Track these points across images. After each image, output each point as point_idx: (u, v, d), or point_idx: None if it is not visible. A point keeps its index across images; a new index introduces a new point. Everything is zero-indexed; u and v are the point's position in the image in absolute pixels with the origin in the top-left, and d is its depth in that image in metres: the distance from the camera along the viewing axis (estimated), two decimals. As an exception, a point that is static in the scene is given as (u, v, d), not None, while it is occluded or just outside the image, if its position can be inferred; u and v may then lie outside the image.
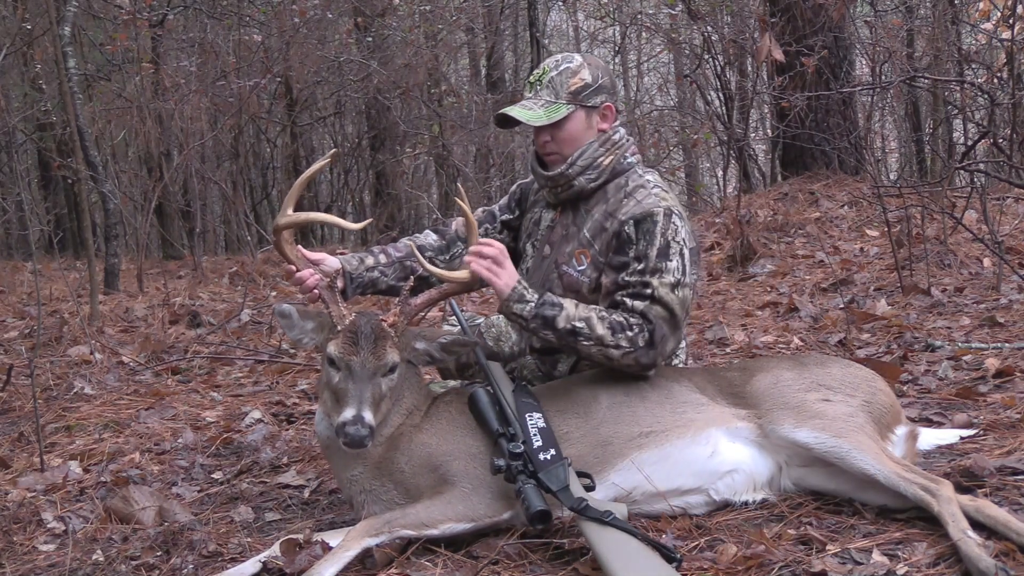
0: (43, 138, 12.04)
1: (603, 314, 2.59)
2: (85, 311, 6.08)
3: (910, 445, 2.58)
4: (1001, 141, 6.33)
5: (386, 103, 12.14)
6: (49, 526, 2.78)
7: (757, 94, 9.78)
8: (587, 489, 2.32)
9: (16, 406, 4.20)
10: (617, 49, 14.65)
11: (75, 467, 3.32)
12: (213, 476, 3.26)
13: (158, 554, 2.52)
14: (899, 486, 2.25)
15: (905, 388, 3.51)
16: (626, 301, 2.61)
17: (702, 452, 2.49)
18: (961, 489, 2.29)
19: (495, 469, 2.32)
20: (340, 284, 2.73)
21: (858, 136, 8.96)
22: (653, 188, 2.75)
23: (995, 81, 6.64)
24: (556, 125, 2.76)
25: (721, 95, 10.39)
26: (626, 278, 2.64)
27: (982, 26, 7.40)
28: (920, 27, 9.59)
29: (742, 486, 2.50)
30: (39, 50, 10.83)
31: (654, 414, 2.54)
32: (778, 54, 6.64)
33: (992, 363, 3.60)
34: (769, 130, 11.36)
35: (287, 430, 3.76)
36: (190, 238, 10.70)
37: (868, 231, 7.30)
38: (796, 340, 4.47)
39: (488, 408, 2.47)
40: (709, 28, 9.75)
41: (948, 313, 4.72)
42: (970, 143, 8.02)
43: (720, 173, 12.05)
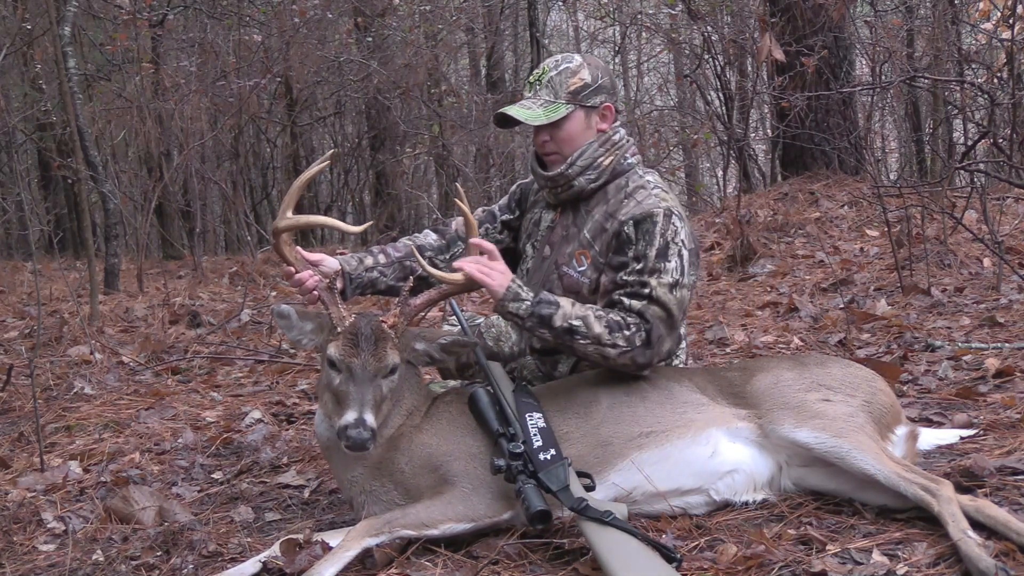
0: (43, 138, 12.04)
1: (600, 313, 2.58)
2: (85, 311, 6.08)
3: (910, 445, 2.58)
4: (1001, 141, 6.32)
5: (386, 103, 12.14)
6: (49, 526, 2.78)
7: (757, 94, 9.78)
8: (587, 489, 2.32)
9: (16, 406, 4.20)
10: (617, 49, 14.65)
11: (75, 467, 3.32)
12: (213, 476, 3.26)
13: (158, 554, 2.52)
14: (899, 486, 2.25)
15: (905, 388, 3.51)
16: (623, 300, 2.61)
17: (702, 452, 2.48)
18: (961, 489, 2.29)
19: (495, 469, 2.32)
20: (339, 285, 2.73)
21: (858, 136, 8.96)
22: (653, 189, 2.75)
23: (995, 81, 6.63)
24: (555, 125, 2.76)
25: (721, 95, 10.39)
26: (624, 277, 2.64)
27: (982, 26, 7.40)
28: (920, 27, 9.59)
29: (742, 486, 2.50)
30: (39, 50, 10.83)
31: (654, 414, 2.54)
32: (778, 54, 6.64)
33: (992, 363, 3.60)
34: (769, 130, 11.36)
35: (287, 430, 3.76)
36: (190, 238, 10.70)
37: (868, 231, 7.30)
38: (796, 340, 4.47)
39: (488, 408, 2.46)
40: (709, 28, 9.74)
41: (948, 313, 4.72)
42: (970, 143, 8.02)
43: (720, 173, 12.06)
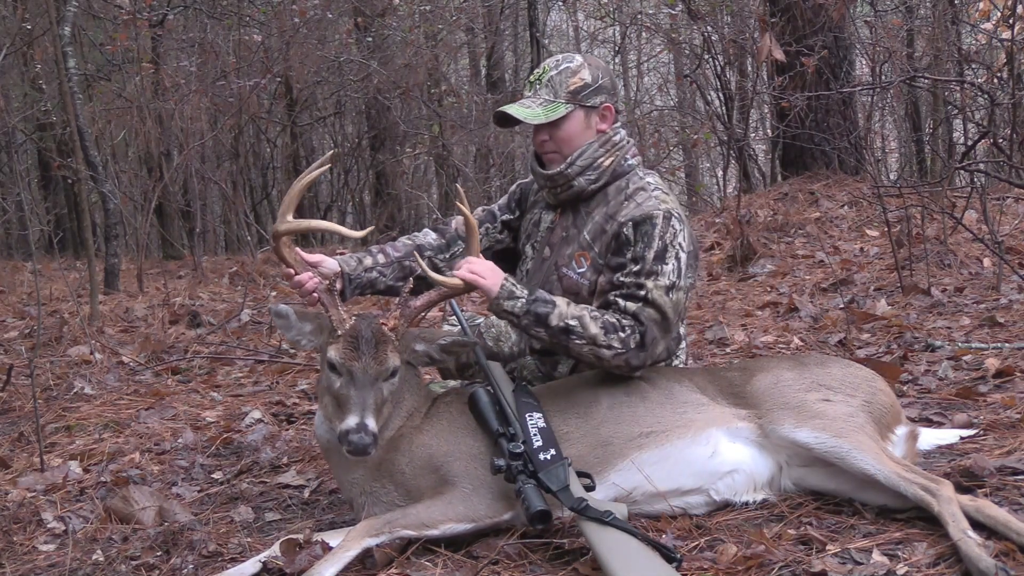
0: (43, 138, 12.04)
1: (595, 314, 2.58)
2: (85, 311, 6.08)
3: (910, 445, 2.58)
4: (1001, 141, 6.32)
5: (386, 103, 12.14)
6: (49, 526, 2.78)
7: (757, 94, 9.78)
8: (587, 489, 2.31)
9: (16, 406, 4.20)
10: (617, 49, 14.65)
11: (75, 467, 3.32)
12: (213, 476, 3.26)
13: (158, 554, 2.51)
14: (899, 486, 2.25)
15: (905, 388, 3.51)
16: (619, 302, 2.61)
17: (702, 452, 2.48)
18: (961, 489, 2.29)
19: (495, 469, 2.32)
20: (338, 286, 2.72)
21: (858, 136, 8.96)
22: (654, 191, 2.74)
23: (995, 81, 6.63)
24: (554, 124, 2.76)
25: (721, 95, 10.39)
26: (621, 279, 2.64)
27: (982, 26, 7.39)
28: (920, 27, 9.59)
29: (742, 486, 2.50)
30: (39, 50, 10.83)
31: (654, 414, 2.54)
32: (778, 54, 6.64)
33: (992, 363, 3.60)
34: (769, 130, 11.36)
35: (287, 430, 3.76)
36: (190, 238, 10.70)
37: (868, 231, 7.30)
38: (796, 340, 4.47)
39: (488, 408, 2.46)
40: (709, 28, 9.74)
41: (948, 313, 4.72)
42: (970, 143, 8.02)
43: (720, 173, 12.06)
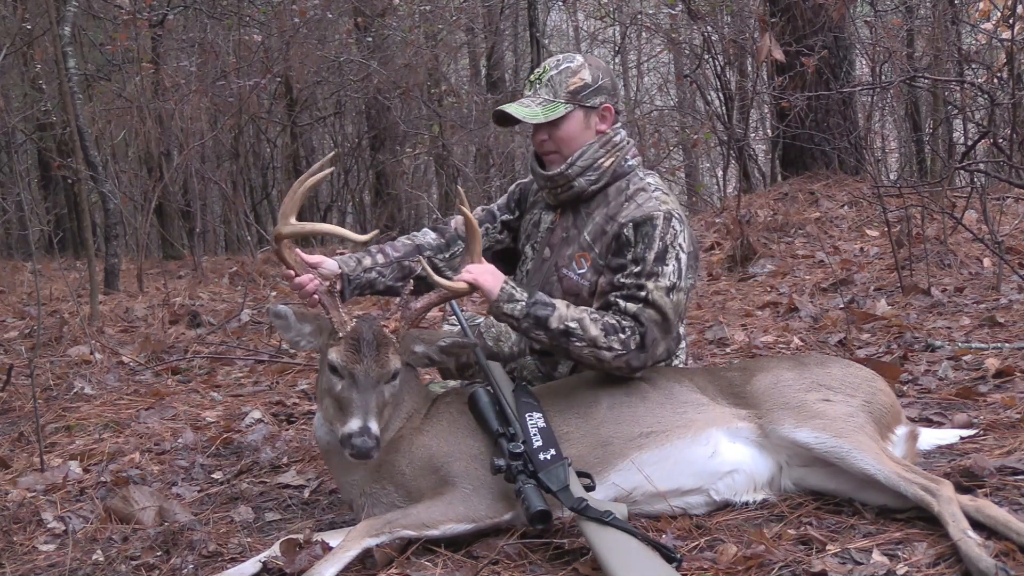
0: (43, 138, 12.04)
1: (595, 315, 2.58)
2: (85, 311, 6.08)
3: (910, 445, 2.58)
4: (1001, 141, 6.32)
5: (386, 103, 12.14)
6: (49, 526, 2.78)
7: (757, 94, 9.78)
8: (587, 489, 2.31)
9: (16, 406, 4.20)
10: (617, 49, 14.65)
11: (75, 467, 3.32)
12: (213, 476, 3.26)
13: (158, 554, 2.51)
14: (899, 486, 2.25)
15: (905, 388, 3.51)
16: (619, 303, 2.61)
17: (702, 452, 2.48)
18: (961, 489, 2.29)
19: (495, 469, 2.32)
20: (338, 286, 2.72)
21: (858, 136, 8.96)
22: (654, 191, 2.74)
23: (995, 81, 6.63)
24: (553, 124, 2.76)
25: (721, 95, 10.39)
26: (621, 280, 2.63)
27: (982, 26, 7.39)
28: (920, 27, 9.59)
29: (742, 486, 2.50)
30: (39, 50, 10.82)
31: (655, 414, 2.54)
32: (778, 54, 6.64)
33: (992, 363, 3.60)
34: (769, 130, 11.36)
35: (287, 430, 3.76)
36: (190, 238, 10.71)
37: (868, 231, 7.30)
38: (796, 340, 4.47)
39: (488, 408, 2.46)
40: (709, 28, 9.74)
41: (948, 313, 4.72)
42: (970, 143, 8.01)
43: (720, 173, 12.06)
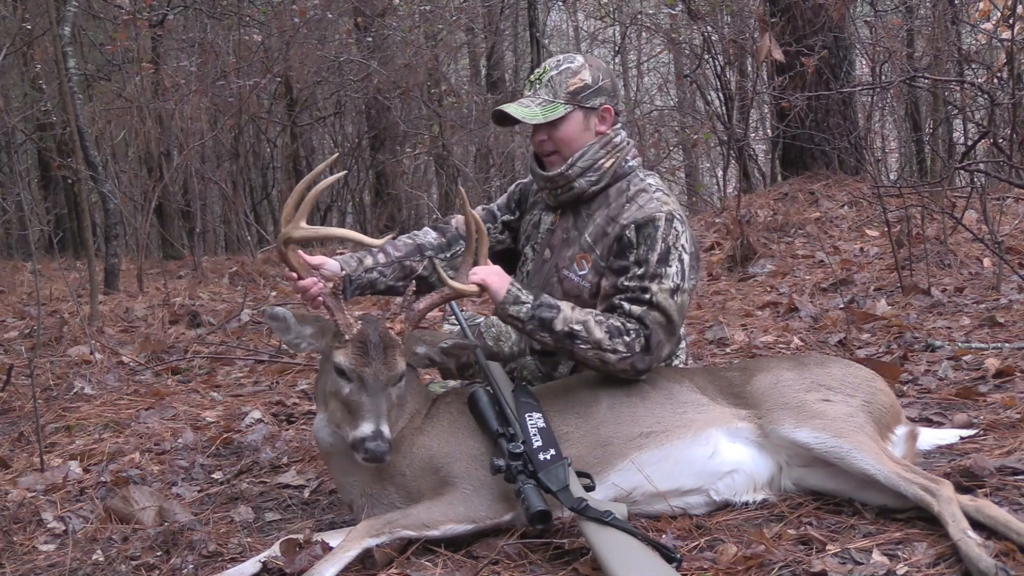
0: (43, 138, 12.04)
1: (600, 318, 2.58)
2: (85, 311, 6.08)
3: (910, 445, 2.58)
4: (1001, 141, 6.32)
5: (386, 103, 12.14)
6: (49, 526, 2.78)
7: (757, 94, 9.77)
8: (587, 489, 2.31)
9: (16, 406, 4.20)
10: (617, 49, 14.66)
11: (75, 467, 3.32)
12: (213, 476, 3.26)
13: (158, 554, 2.51)
14: (899, 486, 2.25)
15: (905, 388, 3.51)
16: (624, 305, 2.61)
17: (702, 452, 2.48)
18: (961, 489, 2.29)
19: (495, 469, 2.32)
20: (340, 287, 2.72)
21: (858, 136, 8.96)
22: (655, 192, 2.74)
23: (995, 81, 6.63)
24: (553, 125, 2.75)
25: (721, 95, 10.39)
26: (625, 282, 2.63)
27: (982, 26, 7.39)
28: (920, 27, 9.59)
29: (742, 486, 2.50)
30: (39, 50, 10.82)
31: (654, 414, 2.54)
32: (778, 54, 6.63)
33: (992, 363, 3.60)
34: (769, 130, 11.36)
35: (287, 430, 3.76)
36: (190, 238, 10.70)
37: (868, 231, 7.30)
38: (796, 340, 4.47)
39: (488, 408, 2.46)
40: (709, 28, 9.75)
41: (948, 313, 4.72)
42: (970, 143, 8.02)
43: (720, 173, 12.06)
